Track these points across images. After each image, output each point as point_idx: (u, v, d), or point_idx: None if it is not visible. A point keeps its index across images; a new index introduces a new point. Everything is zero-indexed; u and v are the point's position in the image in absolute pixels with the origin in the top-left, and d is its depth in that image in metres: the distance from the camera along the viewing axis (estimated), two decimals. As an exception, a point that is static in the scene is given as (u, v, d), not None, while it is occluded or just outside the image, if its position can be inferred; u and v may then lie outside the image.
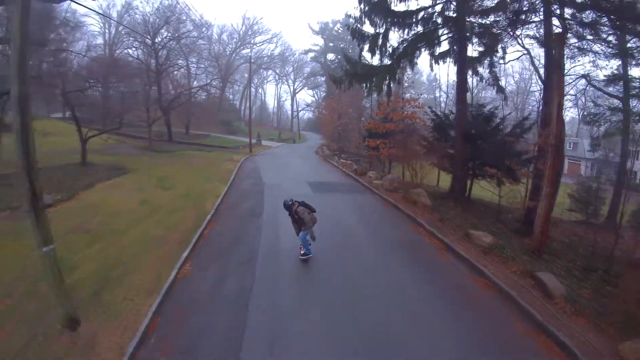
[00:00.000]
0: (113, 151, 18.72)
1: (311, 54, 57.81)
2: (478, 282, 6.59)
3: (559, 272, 7.41)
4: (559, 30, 10.00)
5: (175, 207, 10.38)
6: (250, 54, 53.33)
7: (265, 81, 65.91)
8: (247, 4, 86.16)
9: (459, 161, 12.60)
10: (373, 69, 11.52)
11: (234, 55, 54.51)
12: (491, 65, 14.22)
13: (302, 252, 7.34)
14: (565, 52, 8.98)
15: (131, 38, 29.30)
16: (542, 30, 10.85)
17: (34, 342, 4.86)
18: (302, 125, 58.87)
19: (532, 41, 12.61)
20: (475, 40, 13.09)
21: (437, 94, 41.48)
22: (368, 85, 11.78)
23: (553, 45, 8.76)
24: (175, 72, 31.60)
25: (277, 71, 60.81)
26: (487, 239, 7.79)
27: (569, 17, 9.87)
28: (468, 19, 12.16)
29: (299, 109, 58.61)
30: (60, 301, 4.96)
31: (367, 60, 15.36)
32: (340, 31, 52.72)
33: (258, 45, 56.56)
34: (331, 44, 55.23)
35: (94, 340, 4.90)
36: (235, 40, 55.20)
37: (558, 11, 9.59)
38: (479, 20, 12.12)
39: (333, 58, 53.58)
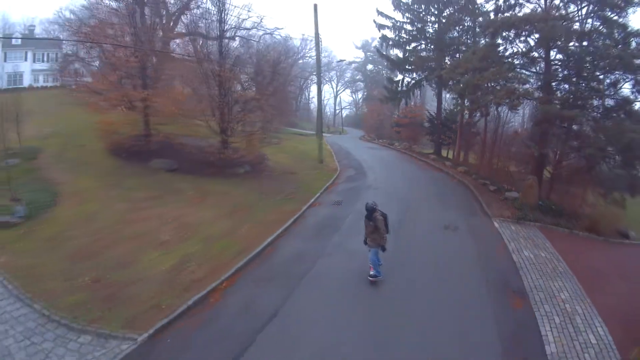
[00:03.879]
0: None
1: (353, 65, 73.06)
2: (421, 162, 22.51)
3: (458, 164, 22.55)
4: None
5: (315, 150, 26.43)
6: (307, 67, 70.45)
7: (311, 83, 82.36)
8: (300, 19, 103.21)
9: (437, 136, 27.66)
10: (395, 93, 27.07)
11: (293, 66, 71.31)
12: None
13: (371, 272, 7.25)
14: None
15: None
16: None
17: (310, 165, 21.05)
18: (342, 121, 74.40)
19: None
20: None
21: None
22: (392, 103, 27.49)
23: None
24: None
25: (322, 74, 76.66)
26: (432, 155, 23.23)
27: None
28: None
29: (341, 107, 74.45)
30: (319, 155, 21.22)
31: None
32: (378, 46, 67.45)
33: (312, 58, 73.04)
34: (370, 57, 70.05)
35: (327, 165, 21.10)
36: (294, 55, 72.11)
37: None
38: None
39: (372, 68, 68.45)
